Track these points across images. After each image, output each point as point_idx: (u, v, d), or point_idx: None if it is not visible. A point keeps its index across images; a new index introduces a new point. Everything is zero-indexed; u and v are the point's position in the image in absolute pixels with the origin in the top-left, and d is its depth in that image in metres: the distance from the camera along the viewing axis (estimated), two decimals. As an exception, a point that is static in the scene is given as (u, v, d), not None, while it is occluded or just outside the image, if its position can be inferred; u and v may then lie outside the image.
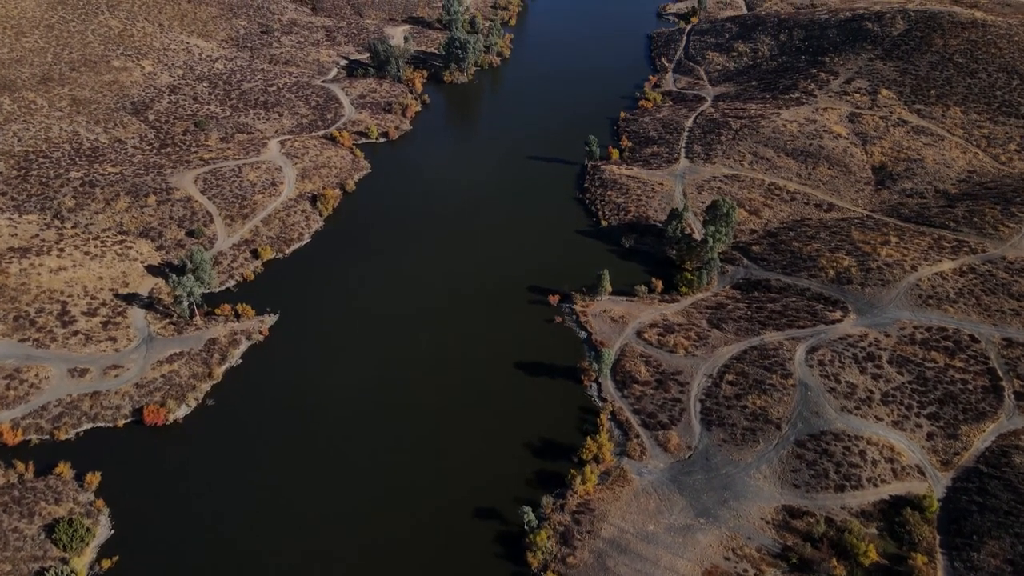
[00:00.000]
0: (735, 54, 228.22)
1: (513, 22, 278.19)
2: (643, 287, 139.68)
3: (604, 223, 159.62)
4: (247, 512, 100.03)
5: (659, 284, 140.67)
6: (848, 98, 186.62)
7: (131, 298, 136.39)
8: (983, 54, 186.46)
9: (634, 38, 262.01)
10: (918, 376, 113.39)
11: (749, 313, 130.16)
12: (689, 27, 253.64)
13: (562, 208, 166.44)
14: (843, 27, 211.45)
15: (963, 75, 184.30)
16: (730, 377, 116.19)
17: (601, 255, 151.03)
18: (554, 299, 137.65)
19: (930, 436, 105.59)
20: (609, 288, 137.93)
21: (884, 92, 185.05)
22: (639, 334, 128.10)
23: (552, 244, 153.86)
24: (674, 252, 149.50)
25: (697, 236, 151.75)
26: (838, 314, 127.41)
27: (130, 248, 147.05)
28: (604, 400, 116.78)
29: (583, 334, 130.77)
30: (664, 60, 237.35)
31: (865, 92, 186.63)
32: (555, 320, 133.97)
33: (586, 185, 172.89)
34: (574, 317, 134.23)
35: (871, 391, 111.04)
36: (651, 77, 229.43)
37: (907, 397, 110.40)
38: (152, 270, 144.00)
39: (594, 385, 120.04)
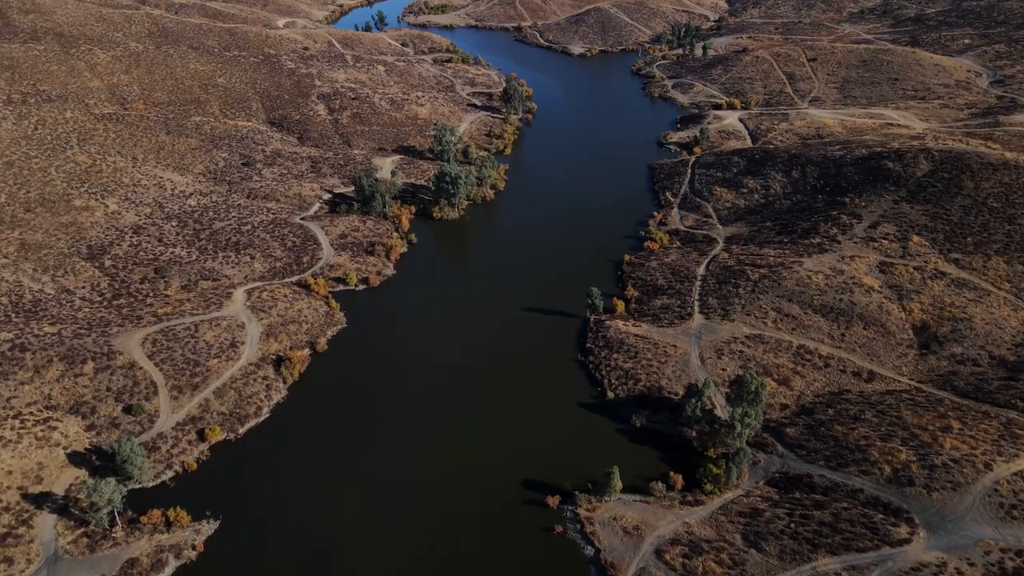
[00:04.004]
0: (745, 191, 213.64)
1: (508, 151, 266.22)
2: (660, 484, 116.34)
3: (610, 394, 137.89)
4: None
5: (679, 480, 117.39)
6: (875, 244, 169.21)
7: (43, 499, 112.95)
8: (1020, 198, 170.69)
9: (635, 168, 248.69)
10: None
11: (792, 525, 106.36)
12: (693, 159, 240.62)
13: (562, 374, 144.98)
14: (861, 165, 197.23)
15: (1000, 221, 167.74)
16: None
17: (608, 437, 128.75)
18: (553, 501, 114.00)
19: None
20: (620, 486, 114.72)
21: (915, 239, 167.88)
22: (659, 554, 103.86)
23: (551, 423, 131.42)
24: (694, 434, 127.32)
25: (720, 413, 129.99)
26: (903, 529, 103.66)
27: (54, 429, 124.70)
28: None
29: (590, 550, 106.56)
30: (669, 195, 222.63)
31: (894, 239, 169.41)
32: (555, 530, 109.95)
33: (588, 345, 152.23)
34: (578, 526, 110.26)
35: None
36: (656, 213, 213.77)
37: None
38: (75, 458, 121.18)
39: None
